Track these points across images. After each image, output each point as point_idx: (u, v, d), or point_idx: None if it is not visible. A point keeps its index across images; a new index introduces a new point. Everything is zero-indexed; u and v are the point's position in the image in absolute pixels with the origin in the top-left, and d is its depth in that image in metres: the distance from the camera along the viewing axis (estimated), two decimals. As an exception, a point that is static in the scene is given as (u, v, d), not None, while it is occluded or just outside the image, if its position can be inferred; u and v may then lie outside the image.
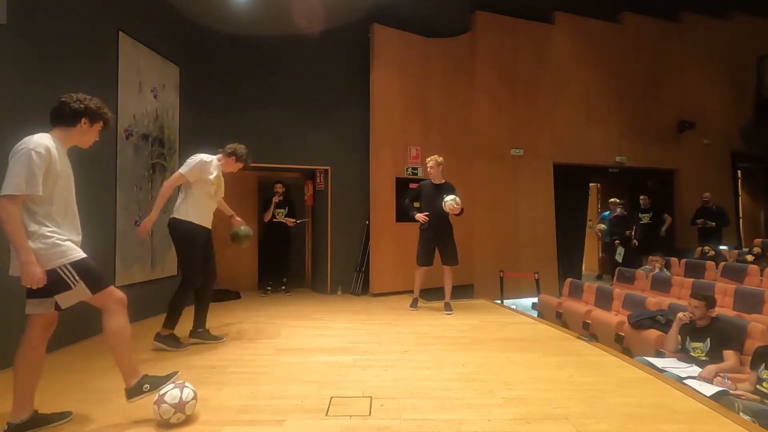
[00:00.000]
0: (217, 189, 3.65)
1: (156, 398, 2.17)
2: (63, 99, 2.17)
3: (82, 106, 2.16)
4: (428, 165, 5.09)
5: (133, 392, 2.21)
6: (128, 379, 2.22)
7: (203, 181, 3.52)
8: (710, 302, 3.56)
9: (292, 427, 2.22)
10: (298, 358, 3.34)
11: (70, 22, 3.69)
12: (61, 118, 2.16)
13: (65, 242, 2.09)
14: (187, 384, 2.25)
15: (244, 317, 4.78)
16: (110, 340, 2.18)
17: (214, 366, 3.12)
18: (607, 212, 8.60)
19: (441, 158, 5.08)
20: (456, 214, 4.91)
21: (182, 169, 3.48)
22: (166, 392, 2.17)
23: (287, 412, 2.38)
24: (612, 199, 8.50)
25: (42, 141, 2.03)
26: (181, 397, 2.16)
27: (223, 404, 2.47)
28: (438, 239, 5.01)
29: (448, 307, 5.05)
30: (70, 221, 2.17)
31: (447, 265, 5.05)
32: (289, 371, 3.03)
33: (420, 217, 4.96)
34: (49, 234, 2.04)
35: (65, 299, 2.09)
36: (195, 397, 2.24)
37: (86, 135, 2.24)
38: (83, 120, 2.18)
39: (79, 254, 2.12)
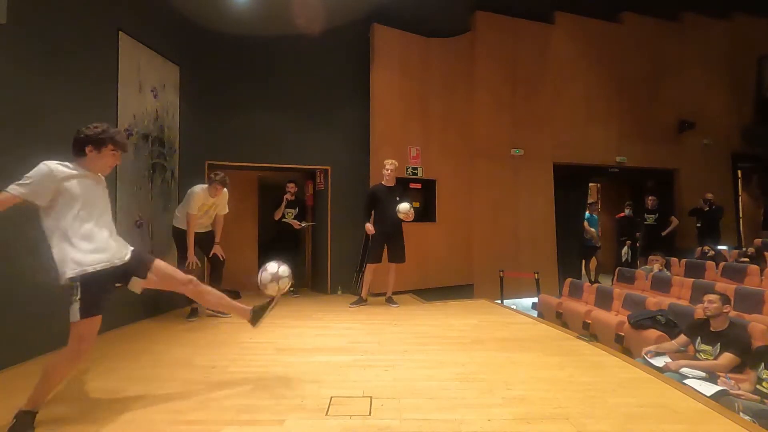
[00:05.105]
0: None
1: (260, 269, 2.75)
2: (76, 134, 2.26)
3: (82, 135, 2.24)
4: (387, 168, 5.22)
5: (20, 419, 2.06)
6: (28, 403, 2.09)
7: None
8: (725, 298, 3.52)
9: (292, 427, 2.22)
10: (298, 357, 3.34)
11: (70, 21, 3.68)
12: (74, 150, 2.26)
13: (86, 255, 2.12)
14: (284, 264, 2.76)
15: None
16: (48, 369, 2.12)
17: (214, 366, 3.12)
18: (588, 214, 8.52)
19: (396, 162, 5.32)
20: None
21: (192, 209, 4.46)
22: (267, 265, 2.73)
23: (287, 412, 2.38)
24: (590, 201, 8.46)
25: (53, 162, 2.14)
26: (278, 271, 2.72)
27: (223, 404, 2.47)
28: (389, 239, 5.23)
29: (391, 301, 5.27)
30: (94, 240, 2.19)
31: (394, 262, 5.29)
32: (289, 371, 3.02)
33: (368, 228, 5.20)
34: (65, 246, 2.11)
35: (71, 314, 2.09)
36: (291, 276, 2.76)
37: (101, 160, 2.28)
38: (88, 148, 2.24)
39: (94, 267, 2.12)
